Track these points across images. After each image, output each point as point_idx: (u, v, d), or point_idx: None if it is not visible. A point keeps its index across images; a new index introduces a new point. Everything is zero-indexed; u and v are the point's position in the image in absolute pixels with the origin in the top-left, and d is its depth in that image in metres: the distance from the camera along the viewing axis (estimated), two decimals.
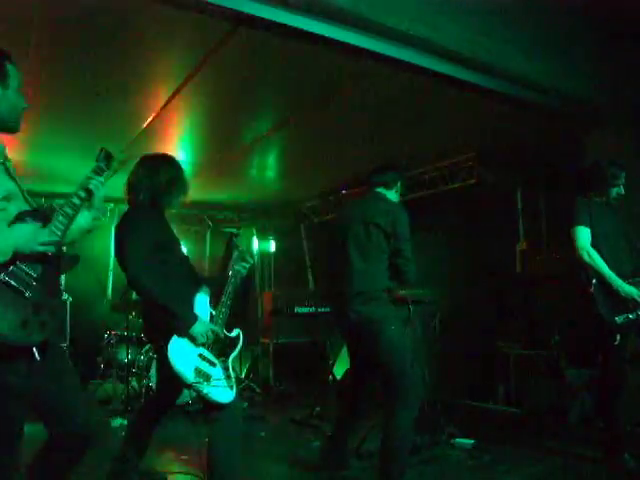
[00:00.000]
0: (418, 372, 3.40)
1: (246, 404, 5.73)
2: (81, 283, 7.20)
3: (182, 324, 2.51)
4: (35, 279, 1.74)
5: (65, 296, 6.29)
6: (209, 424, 2.63)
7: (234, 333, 2.78)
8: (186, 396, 5.36)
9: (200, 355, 2.54)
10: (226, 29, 3.15)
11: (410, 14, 3.15)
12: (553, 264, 4.98)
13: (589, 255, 3.32)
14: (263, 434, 4.60)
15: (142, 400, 5.34)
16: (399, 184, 3.42)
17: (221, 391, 2.51)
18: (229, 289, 2.76)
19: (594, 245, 3.37)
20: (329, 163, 6.13)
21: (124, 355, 5.70)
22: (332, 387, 5.76)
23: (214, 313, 2.71)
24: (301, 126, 4.91)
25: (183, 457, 3.91)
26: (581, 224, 3.40)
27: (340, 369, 5.97)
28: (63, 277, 7.44)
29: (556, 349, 4.71)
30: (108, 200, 7.30)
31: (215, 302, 2.78)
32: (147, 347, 5.73)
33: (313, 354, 6.70)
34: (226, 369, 2.61)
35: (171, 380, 2.57)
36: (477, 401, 5.38)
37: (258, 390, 6.40)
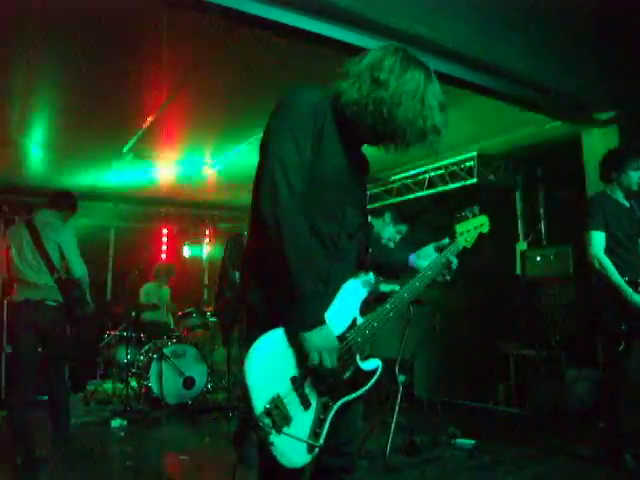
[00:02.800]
0: None
1: None
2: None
3: (299, 317, 1.47)
4: None
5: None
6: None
7: (370, 364, 1.66)
8: (186, 397, 5.37)
9: (293, 379, 1.51)
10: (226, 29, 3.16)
11: (410, 14, 3.15)
12: (553, 264, 4.98)
13: (600, 264, 3.27)
14: None
15: (141, 401, 5.33)
16: None
17: (293, 449, 1.48)
18: (409, 289, 1.76)
19: (608, 247, 3.31)
20: None
21: (124, 355, 5.70)
22: None
23: (360, 321, 1.65)
24: None
25: (183, 457, 3.91)
26: (596, 228, 3.32)
27: None
28: None
29: (556, 349, 4.71)
30: (108, 200, 7.32)
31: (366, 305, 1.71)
32: (147, 347, 5.73)
33: None
34: (321, 420, 1.55)
35: None
36: (477, 401, 5.38)
37: None
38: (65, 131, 5.03)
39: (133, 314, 5.84)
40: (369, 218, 1.85)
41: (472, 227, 2.04)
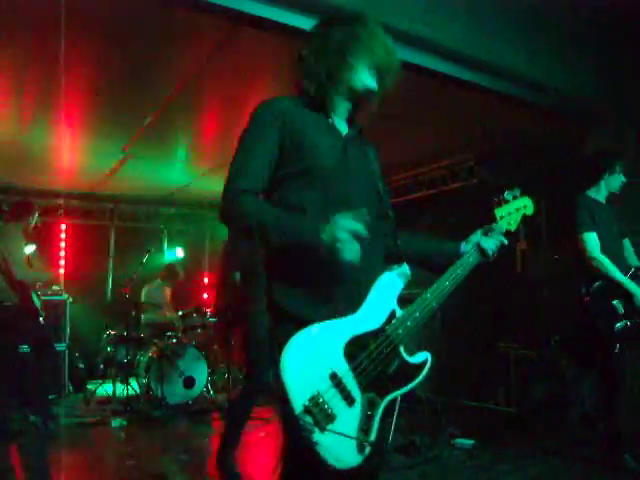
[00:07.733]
0: None
1: None
2: (81, 283, 7.20)
3: (307, 235, 1.40)
4: None
5: (65, 296, 6.30)
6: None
7: (418, 357, 1.62)
8: (186, 396, 5.37)
9: (333, 376, 1.41)
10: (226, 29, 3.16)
11: (410, 14, 3.15)
12: (553, 264, 4.98)
13: (601, 262, 3.31)
14: None
15: (142, 401, 5.33)
16: None
17: (341, 447, 1.37)
18: (451, 277, 1.74)
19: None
20: None
21: (124, 355, 5.71)
22: None
23: (400, 314, 1.58)
24: None
25: (183, 457, 3.91)
26: (587, 229, 3.36)
27: None
28: (62, 277, 7.45)
29: (556, 349, 4.71)
30: (108, 200, 7.31)
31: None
32: (147, 347, 5.73)
33: None
34: (369, 416, 1.45)
35: None
36: (477, 401, 5.38)
37: None
38: None
39: (133, 314, 5.85)
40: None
41: (514, 209, 1.99)
